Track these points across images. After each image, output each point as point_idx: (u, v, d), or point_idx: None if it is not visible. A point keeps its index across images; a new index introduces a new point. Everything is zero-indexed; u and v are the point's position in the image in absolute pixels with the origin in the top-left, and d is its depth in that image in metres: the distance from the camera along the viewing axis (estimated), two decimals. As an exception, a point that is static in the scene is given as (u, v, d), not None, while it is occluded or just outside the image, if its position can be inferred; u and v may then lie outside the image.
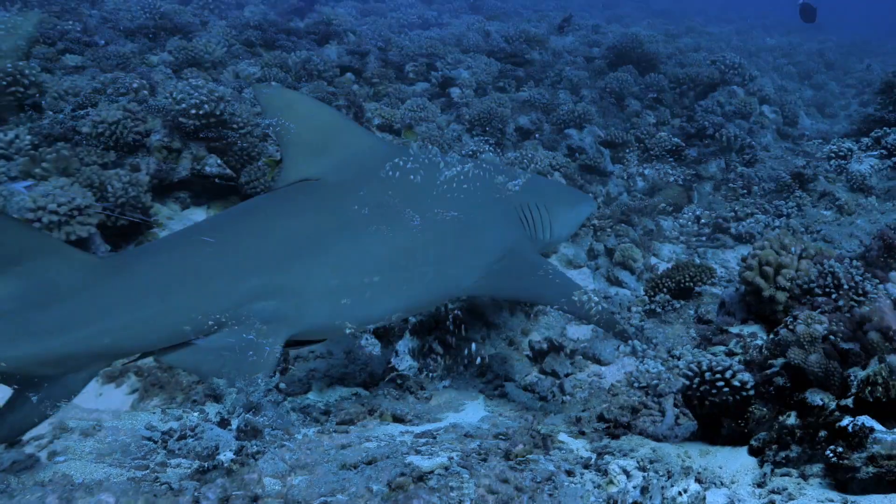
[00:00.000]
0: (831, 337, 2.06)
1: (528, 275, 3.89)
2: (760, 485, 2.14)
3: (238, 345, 2.91)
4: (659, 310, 5.16)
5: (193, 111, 6.66)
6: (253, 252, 3.06)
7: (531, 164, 8.25)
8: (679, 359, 4.85)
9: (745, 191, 9.12)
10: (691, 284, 4.96)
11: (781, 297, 2.42)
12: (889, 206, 8.01)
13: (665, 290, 5.00)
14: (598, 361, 5.04)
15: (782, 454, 2.13)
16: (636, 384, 4.66)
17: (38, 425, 3.04)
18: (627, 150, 10.59)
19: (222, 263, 2.99)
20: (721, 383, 2.34)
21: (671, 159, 10.59)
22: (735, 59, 10.79)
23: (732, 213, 9.11)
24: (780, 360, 2.13)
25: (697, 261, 7.76)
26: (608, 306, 4.43)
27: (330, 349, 5.40)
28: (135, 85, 6.72)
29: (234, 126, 7.24)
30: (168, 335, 2.88)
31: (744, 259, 2.80)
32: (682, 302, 5.03)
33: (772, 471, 2.18)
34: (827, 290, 2.32)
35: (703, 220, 8.94)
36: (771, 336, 2.24)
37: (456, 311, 5.62)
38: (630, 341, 4.66)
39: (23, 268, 2.60)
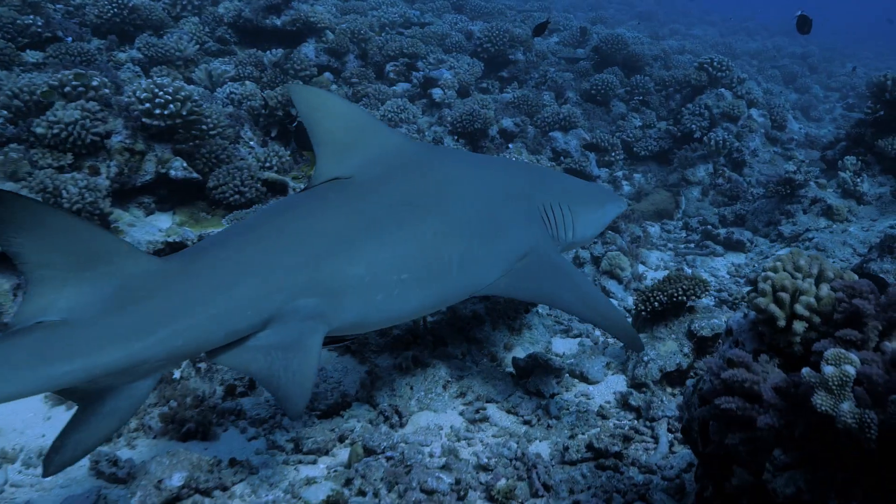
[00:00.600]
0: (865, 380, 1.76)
1: (547, 276, 3.83)
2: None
3: (284, 343, 2.93)
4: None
5: (158, 111, 6.28)
6: (294, 249, 3.09)
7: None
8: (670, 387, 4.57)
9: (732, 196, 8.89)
10: (684, 298, 4.67)
11: (799, 327, 2.12)
12: (877, 213, 7.82)
13: (657, 303, 4.71)
14: (586, 380, 4.74)
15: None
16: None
17: (107, 441, 2.91)
18: (613, 154, 10.34)
19: (270, 261, 3.00)
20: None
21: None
22: (724, 60, 10.57)
23: (721, 219, 8.88)
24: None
25: (687, 269, 7.50)
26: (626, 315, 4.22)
27: (300, 366, 5.05)
28: (94, 83, 6.32)
29: (204, 127, 6.86)
30: (230, 334, 2.87)
31: (752, 281, 2.50)
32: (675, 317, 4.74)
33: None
34: (852, 319, 2.02)
35: (691, 227, 8.70)
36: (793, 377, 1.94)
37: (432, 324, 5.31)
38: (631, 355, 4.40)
39: (97, 272, 2.59)
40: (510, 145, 9.89)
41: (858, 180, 7.88)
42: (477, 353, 5.19)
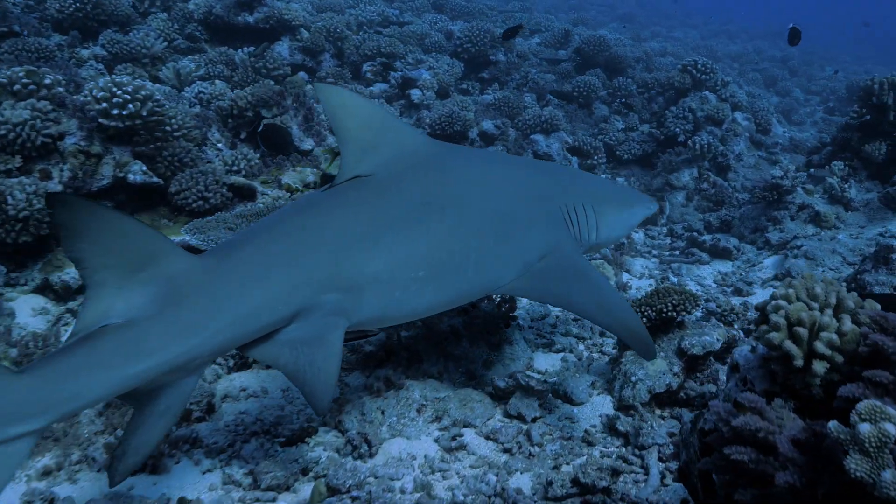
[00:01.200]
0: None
1: (566, 278, 3.79)
2: None
3: (309, 338, 3.01)
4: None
5: (116, 111, 5.89)
6: (317, 246, 3.16)
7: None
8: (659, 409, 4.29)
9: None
10: (674, 314, 4.40)
11: (820, 368, 1.83)
12: (865, 220, 7.64)
13: (645, 318, 4.43)
14: (570, 401, 4.45)
15: None
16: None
17: (162, 439, 2.99)
18: (596, 157, 10.09)
19: (298, 257, 3.08)
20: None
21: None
22: (708, 63, 10.37)
23: (706, 225, 8.67)
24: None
25: (672, 278, 7.26)
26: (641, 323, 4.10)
27: (265, 387, 4.70)
28: (47, 80, 5.91)
29: (168, 129, 6.48)
30: (264, 326, 2.95)
31: (762, 309, 2.22)
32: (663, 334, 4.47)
33: None
34: (882, 357, 1.73)
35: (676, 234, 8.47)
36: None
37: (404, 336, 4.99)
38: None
39: (148, 273, 2.66)
40: (490, 148, 9.60)
41: (846, 186, 7.69)
42: (454, 371, 4.88)
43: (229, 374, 4.87)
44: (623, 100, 12.20)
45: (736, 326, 5.77)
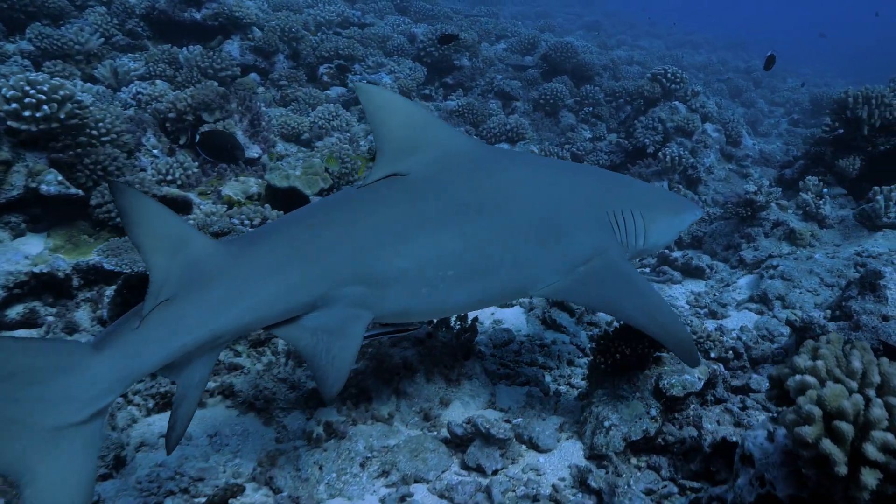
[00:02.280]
0: None
1: (610, 283, 3.75)
2: None
3: (330, 326, 3.13)
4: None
5: (29, 113, 5.22)
6: (346, 239, 3.24)
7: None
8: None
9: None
10: (651, 350, 3.94)
11: (871, 480, 1.35)
12: (841, 238, 7.36)
13: (619, 355, 3.97)
14: (536, 447, 3.95)
15: None
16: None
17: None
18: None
19: (321, 249, 3.19)
20: None
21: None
22: (678, 72, 10.05)
23: (676, 240, 8.30)
24: None
25: (643, 298, 6.84)
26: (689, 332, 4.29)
27: (190, 431, 4.10)
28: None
29: (94, 133, 5.83)
30: (284, 311, 3.08)
31: (778, 381, 1.74)
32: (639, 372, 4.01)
33: None
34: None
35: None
36: None
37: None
38: None
39: (182, 255, 2.84)
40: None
41: (821, 202, 7.39)
42: (407, 412, 4.35)
43: (148, 417, 4.25)
44: (591, 108, 11.85)
45: (713, 355, 5.36)
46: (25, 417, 2.37)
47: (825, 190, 7.40)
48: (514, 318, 6.43)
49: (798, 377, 1.59)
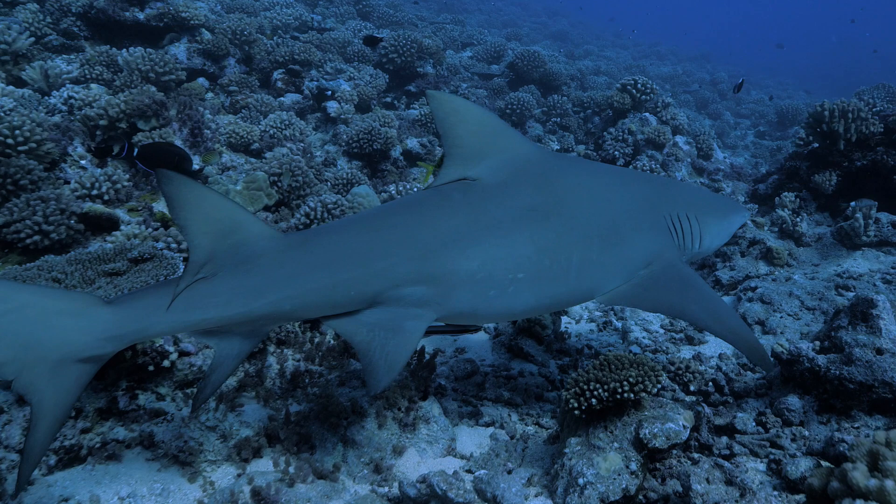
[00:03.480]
0: None
1: (672, 286, 3.79)
2: None
3: (387, 323, 3.20)
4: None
5: (-76, 119, 4.57)
6: (409, 240, 3.28)
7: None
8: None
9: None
10: (631, 395, 3.48)
11: None
12: (819, 257, 7.05)
13: (594, 399, 3.50)
14: (500, 507, 3.46)
15: None
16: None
17: (228, 378, 3.46)
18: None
19: (382, 248, 3.24)
20: None
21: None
22: (648, 82, 9.72)
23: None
24: None
25: (615, 322, 6.43)
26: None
27: (96, 494, 3.50)
28: None
29: (7, 142, 5.18)
30: (332, 306, 3.19)
31: (815, 494, 1.26)
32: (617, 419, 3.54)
33: None
34: None
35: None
36: None
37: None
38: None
39: (234, 239, 3.02)
40: (413, 170, 8.60)
41: (798, 219, 7.08)
42: (355, 462, 3.82)
43: (49, 476, 3.63)
44: (558, 118, 11.48)
45: (693, 388, 4.94)
46: (40, 350, 2.72)
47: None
48: (478, 345, 5.94)
49: (848, 502, 1.11)
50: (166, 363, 4.09)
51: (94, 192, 5.50)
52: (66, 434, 3.77)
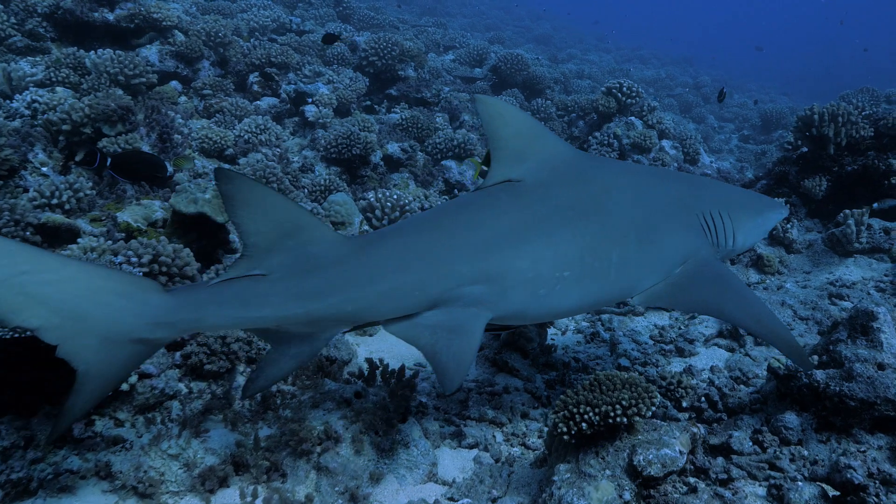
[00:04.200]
0: None
1: (708, 284, 3.81)
2: None
3: (449, 324, 3.24)
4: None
5: None
6: (465, 242, 3.36)
7: (394, 207, 6.39)
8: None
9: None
10: (624, 420, 3.25)
11: None
12: (810, 264, 6.89)
13: (584, 423, 3.27)
14: (485, 541, 3.22)
15: None
16: None
17: (286, 377, 3.67)
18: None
19: (441, 250, 3.33)
20: None
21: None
22: (633, 86, 9.55)
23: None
24: None
25: (604, 334, 6.21)
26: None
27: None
28: None
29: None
30: (395, 309, 3.22)
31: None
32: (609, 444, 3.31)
33: None
34: None
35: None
36: None
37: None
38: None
39: (294, 241, 3.04)
40: (394, 175, 8.34)
41: (788, 226, 6.91)
42: (329, 492, 3.56)
43: (-8, 515, 3.33)
44: (542, 123, 11.29)
45: (685, 404, 4.74)
46: (88, 322, 2.76)
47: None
48: (461, 359, 5.69)
49: None
50: (125, 386, 3.81)
51: (55, 201, 5.19)
52: (14, 466, 3.47)
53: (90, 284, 2.77)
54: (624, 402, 3.25)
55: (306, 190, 7.28)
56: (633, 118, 9.60)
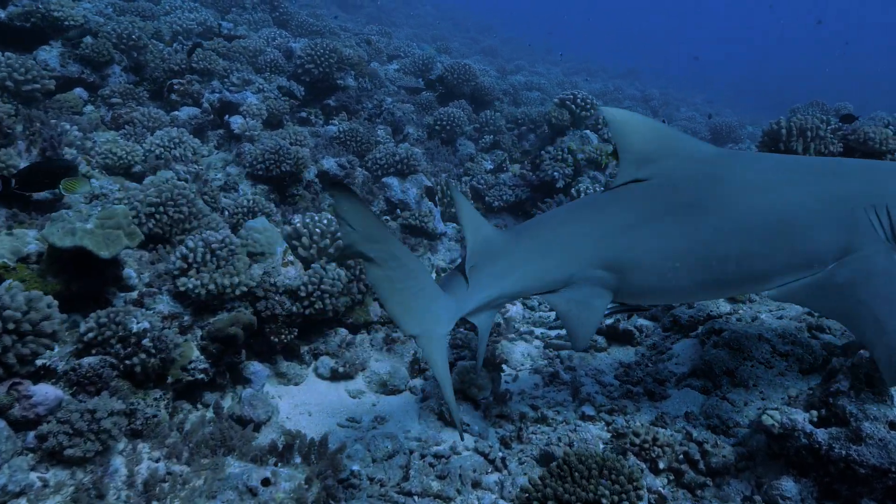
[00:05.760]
0: None
1: (867, 287, 3.53)
2: None
3: (580, 298, 3.87)
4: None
5: None
6: (595, 231, 3.95)
7: (323, 234, 5.56)
8: None
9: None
10: (605, 517, 2.52)
11: None
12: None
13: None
14: None
15: None
16: None
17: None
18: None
19: (576, 238, 3.94)
20: None
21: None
22: (588, 97, 8.99)
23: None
24: None
25: (563, 374, 5.50)
26: None
27: None
28: None
29: None
30: (542, 286, 3.89)
31: None
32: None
33: None
34: None
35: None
36: None
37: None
38: None
39: (479, 236, 3.76)
40: (328, 195, 7.50)
41: (757, 249, 6.37)
42: None
43: None
44: (491, 136, 10.64)
45: (661, 465, 4.06)
46: (436, 321, 3.37)
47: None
48: (402, 411, 4.91)
49: None
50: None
51: None
52: None
53: (434, 290, 3.39)
54: (605, 501, 2.53)
55: (227, 212, 6.39)
56: (587, 131, 9.03)
